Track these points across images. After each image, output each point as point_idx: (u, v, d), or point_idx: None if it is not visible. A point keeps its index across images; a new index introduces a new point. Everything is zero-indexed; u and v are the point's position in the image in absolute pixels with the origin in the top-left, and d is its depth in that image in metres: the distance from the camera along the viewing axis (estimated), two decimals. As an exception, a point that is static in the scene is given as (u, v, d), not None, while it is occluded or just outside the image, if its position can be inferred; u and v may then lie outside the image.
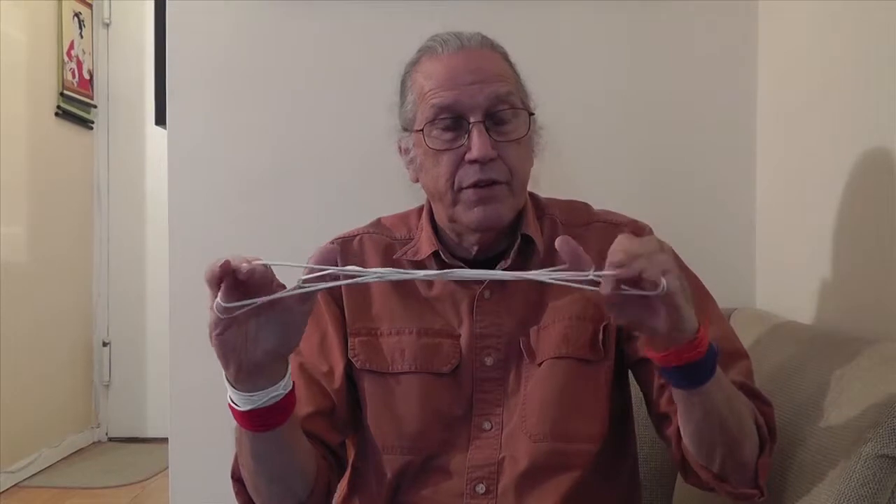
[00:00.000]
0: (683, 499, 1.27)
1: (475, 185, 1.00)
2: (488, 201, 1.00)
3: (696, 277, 1.06)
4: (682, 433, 0.92)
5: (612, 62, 1.63)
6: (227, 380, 0.84)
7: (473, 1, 1.59)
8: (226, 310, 0.77)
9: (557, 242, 0.76)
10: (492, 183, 1.00)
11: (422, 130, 1.02)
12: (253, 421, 0.85)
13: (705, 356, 0.80)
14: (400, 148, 1.09)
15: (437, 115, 1.00)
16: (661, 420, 1.02)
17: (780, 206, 1.53)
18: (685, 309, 0.76)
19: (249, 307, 0.77)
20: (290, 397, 0.87)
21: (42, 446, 3.55)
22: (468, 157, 0.99)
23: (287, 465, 0.95)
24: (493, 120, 1.00)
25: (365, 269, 0.78)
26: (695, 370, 0.81)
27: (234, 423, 0.88)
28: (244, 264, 0.77)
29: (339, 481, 1.09)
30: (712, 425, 0.87)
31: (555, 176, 1.40)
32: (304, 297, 0.79)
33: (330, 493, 1.05)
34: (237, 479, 0.99)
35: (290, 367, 0.86)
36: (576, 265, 0.75)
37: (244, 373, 0.82)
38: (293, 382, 0.87)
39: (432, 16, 1.57)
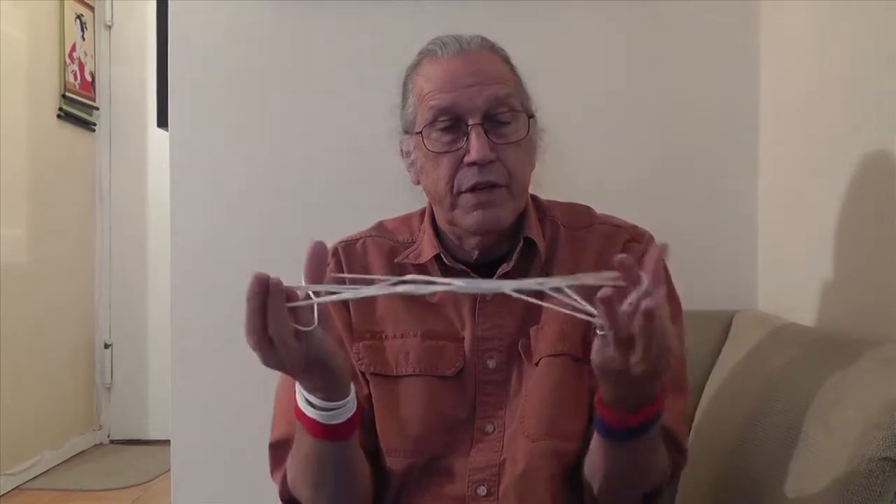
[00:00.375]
0: (687, 499, 1.26)
1: (474, 189, 1.00)
2: (487, 205, 1.00)
3: (675, 294, 1.05)
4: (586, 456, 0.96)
5: (613, 63, 1.63)
6: (317, 400, 0.85)
7: (475, 1, 1.59)
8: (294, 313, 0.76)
9: (617, 259, 0.72)
10: (490, 186, 1.00)
11: (421, 133, 1.02)
12: (333, 431, 0.87)
13: (627, 430, 0.84)
14: (401, 150, 1.09)
15: (436, 118, 1.01)
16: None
17: (782, 208, 1.53)
18: (612, 391, 0.80)
19: (312, 302, 0.77)
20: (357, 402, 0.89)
21: (43, 448, 3.55)
22: (467, 159, 0.99)
23: (351, 474, 0.96)
24: (493, 122, 1.00)
25: (368, 280, 0.77)
26: (613, 431, 0.86)
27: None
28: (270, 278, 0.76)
29: (378, 489, 1.07)
30: (611, 473, 0.92)
31: (556, 177, 1.40)
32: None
33: (377, 499, 1.05)
34: (288, 500, 1.01)
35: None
36: (628, 278, 0.72)
37: (334, 381, 0.84)
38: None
39: (434, 16, 1.58)
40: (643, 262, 0.74)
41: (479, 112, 0.99)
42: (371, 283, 0.76)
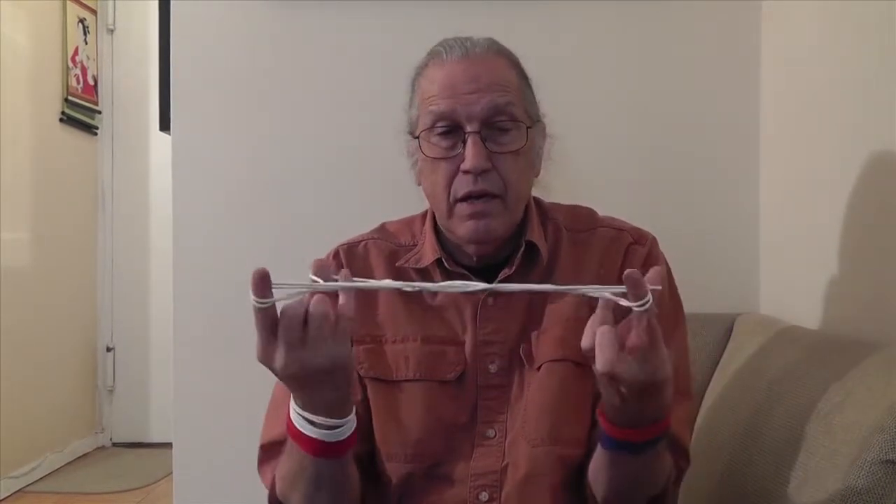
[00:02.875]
0: (689, 502, 1.26)
1: (469, 197, 0.99)
2: (481, 216, 1.00)
3: (677, 298, 1.06)
4: (590, 462, 0.96)
5: (614, 64, 1.63)
6: (320, 419, 0.85)
7: (477, 2, 1.59)
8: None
9: (625, 275, 0.76)
10: (484, 195, 0.99)
11: (421, 136, 1.02)
12: (332, 449, 0.87)
13: (643, 443, 0.84)
14: (408, 150, 1.09)
15: (435, 123, 1.00)
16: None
17: (783, 211, 1.53)
18: (627, 407, 0.80)
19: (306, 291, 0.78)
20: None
21: (46, 451, 3.55)
22: (462, 167, 0.99)
23: (346, 485, 0.95)
24: (491, 130, 1.00)
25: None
26: (625, 446, 0.85)
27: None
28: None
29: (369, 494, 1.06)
30: (615, 481, 0.92)
31: (558, 180, 1.40)
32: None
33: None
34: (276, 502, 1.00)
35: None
36: (635, 289, 0.76)
37: (344, 396, 0.84)
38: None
39: (436, 17, 1.59)
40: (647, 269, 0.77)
41: (476, 119, 0.99)
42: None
